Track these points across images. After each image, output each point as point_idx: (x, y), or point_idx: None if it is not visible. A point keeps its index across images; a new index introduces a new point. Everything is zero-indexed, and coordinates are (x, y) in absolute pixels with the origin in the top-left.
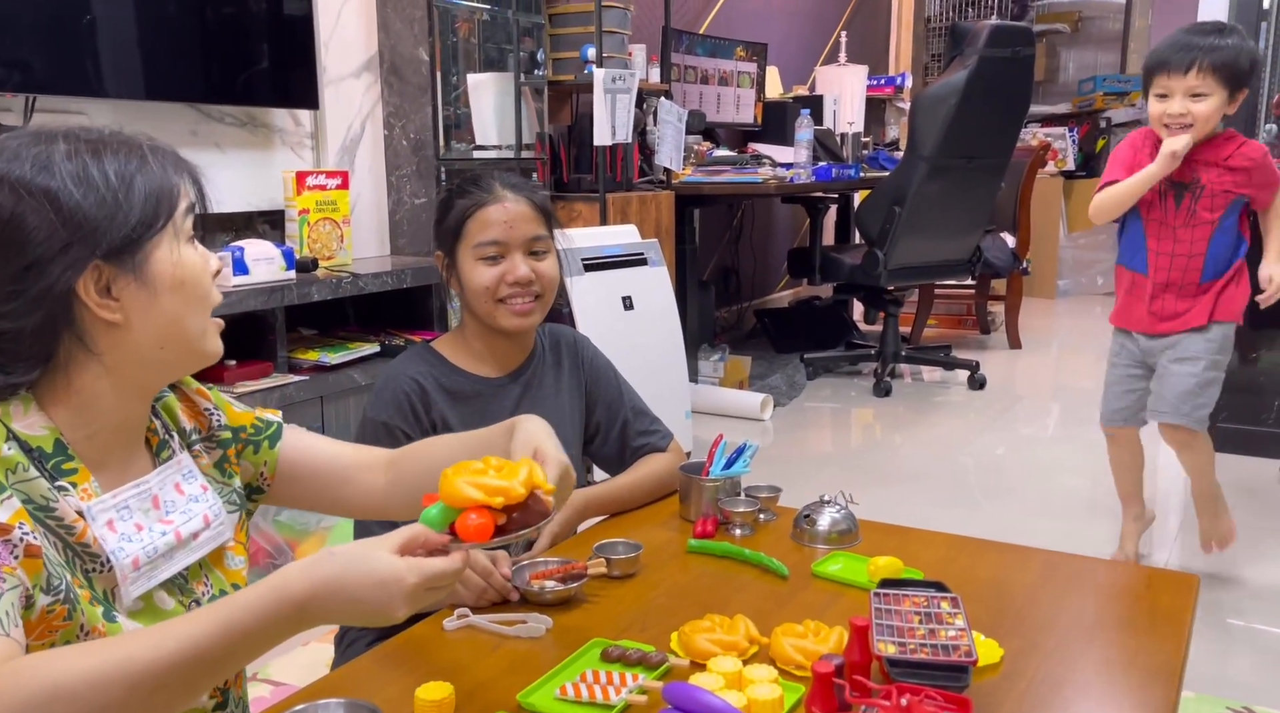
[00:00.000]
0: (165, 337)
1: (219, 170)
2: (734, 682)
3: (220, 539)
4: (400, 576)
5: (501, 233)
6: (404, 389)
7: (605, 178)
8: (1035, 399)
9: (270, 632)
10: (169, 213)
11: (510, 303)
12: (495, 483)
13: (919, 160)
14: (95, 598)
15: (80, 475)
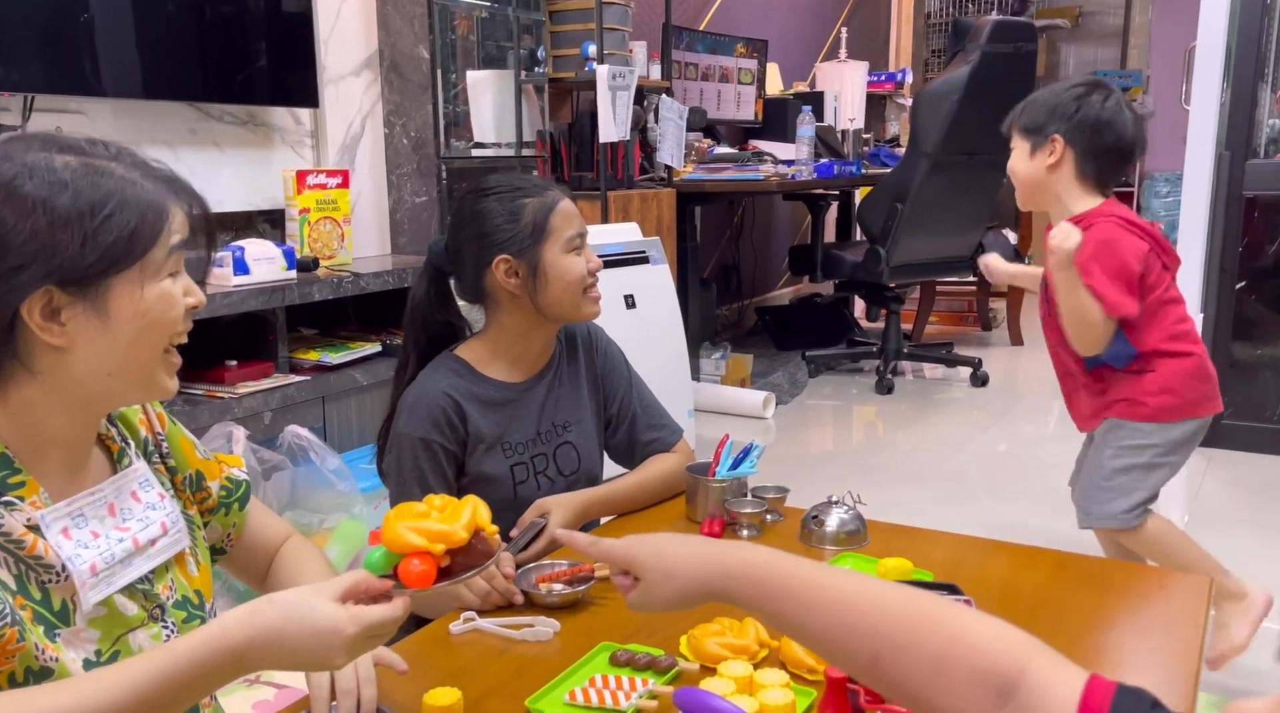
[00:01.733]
0: (112, 368)
1: (219, 169)
2: (745, 686)
3: (179, 545)
4: (339, 626)
5: (580, 224)
6: (439, 405)
7: (606, 175)
8: (1037, 396)
9: (209, 679)
10: (141, 252)
11: (591, 291)
12: (437, 528)
13: (921, 157)
14: (38, 617)
15: (29, 488)
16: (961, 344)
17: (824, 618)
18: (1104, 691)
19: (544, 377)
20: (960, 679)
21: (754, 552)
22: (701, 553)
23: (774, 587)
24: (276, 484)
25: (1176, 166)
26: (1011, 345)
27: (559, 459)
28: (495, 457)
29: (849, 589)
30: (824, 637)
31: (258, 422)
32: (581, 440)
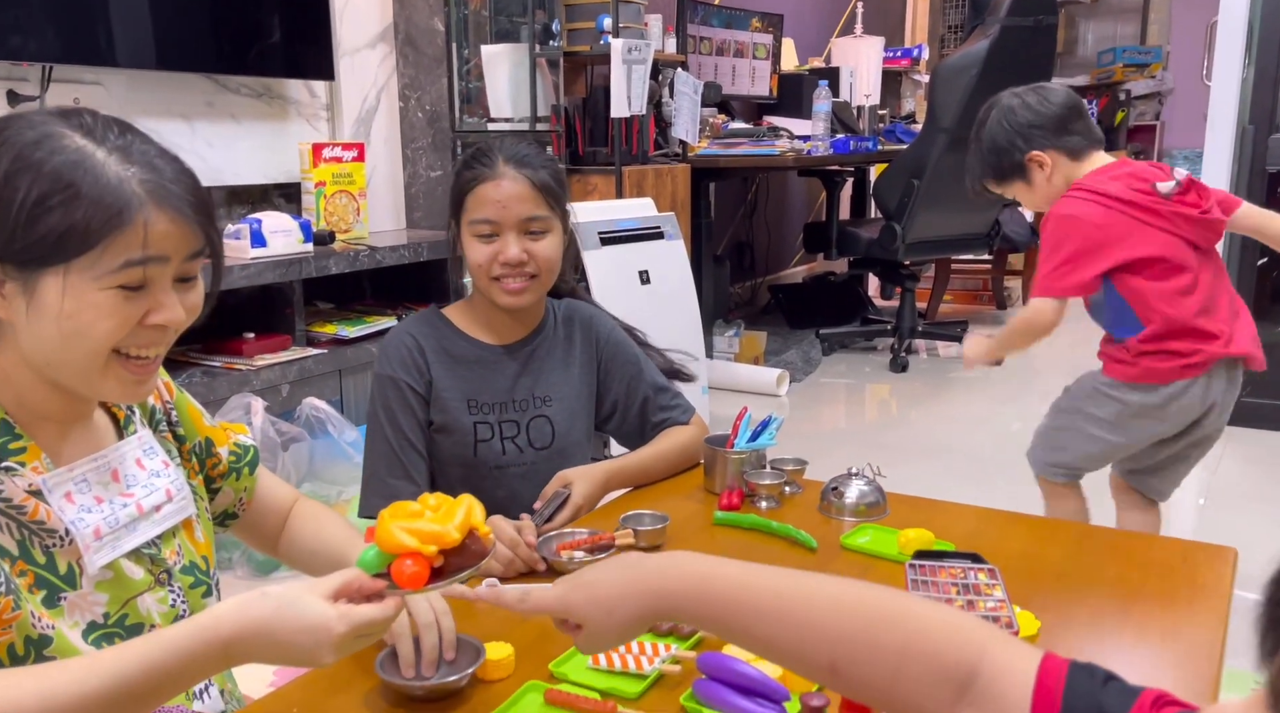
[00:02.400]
0: (48, 359)
1: (235, 142)
2: None
3: (185, 513)
4: (328, 624)
5: (494, 212)
6: (405, 345)
7: (621, 150)
8: (1052, 375)
9: (195, 670)
10: (74, 254)
11: (503, 282)
12: (429, 528)
13: (938, 132)
14: (42, 581)
15: (29, 454)
16: (976, 323)
17: (774, 625)
18: (1057, 670)
19: (525, 346)
20: (919, 676)
21: (689, 563)
22: (633, 578)
23: (715, 598)
24: (294, 456)
25: (1196, 143)
26: None
27: (531, 430)
28: (460, 410)
29: (798, 592)
30: (776, 644)
31: (275, 394)
32: (560, 417)
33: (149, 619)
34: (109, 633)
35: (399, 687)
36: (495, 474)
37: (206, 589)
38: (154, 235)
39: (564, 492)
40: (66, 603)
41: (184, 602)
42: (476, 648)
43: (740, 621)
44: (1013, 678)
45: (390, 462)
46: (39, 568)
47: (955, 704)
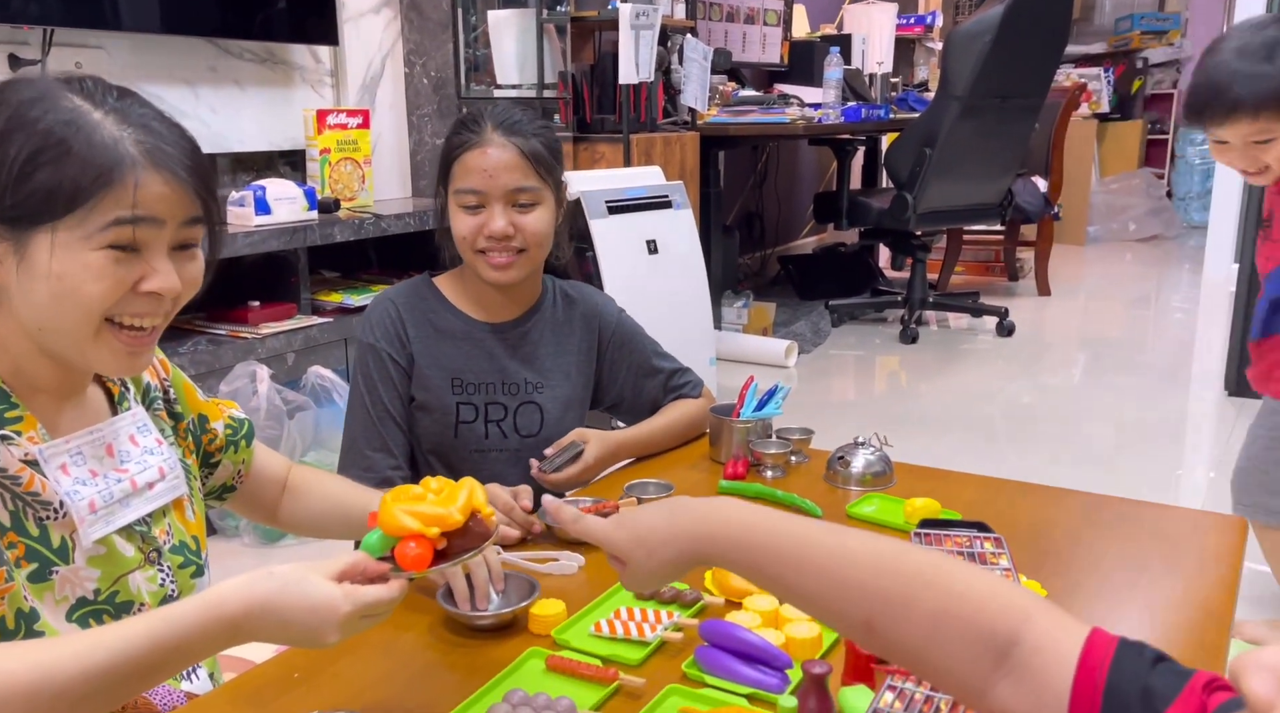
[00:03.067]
0: (40, 324)
1: (240, 108)
2: (771, 620)
3: (177, 492)
4: (334, 604)
5: (480, 182)
6: (387, 313)
7: (629, 118)
8: (1063, 347)
9: (200, 647)
10: (62, 211)
11: (489, 256)
12: (432, 511)
13: (951, 100)
14: (34, 554)
15: (26, 424)
16: (988, 294)
17: (814, 578)
18: (1105, 646)
19: (518, 327)
20: (957, 640)
21: (733, 510)
22: (676, 521)
23: (757, 547)
24: (300, 424)
25: None
26: (1039, 296)
27: (518, 416)
28: (442, 388)
29: (839, 547)
30: (814, 597)
31: (281, 362)
32: (551, 405)
33: (139, 598)
34: (98, 610)
35: (461, 618)
36: (475, 457)
37: (196, 569)
38: (146, 197)
39: (578, 445)
40: (58, 577)
41: (173, 582)
42: (531, 584)
43: (779, 571)
44: (1055, 651)
45: (368, 433)
46: (31, 540)
47: (992, 673)
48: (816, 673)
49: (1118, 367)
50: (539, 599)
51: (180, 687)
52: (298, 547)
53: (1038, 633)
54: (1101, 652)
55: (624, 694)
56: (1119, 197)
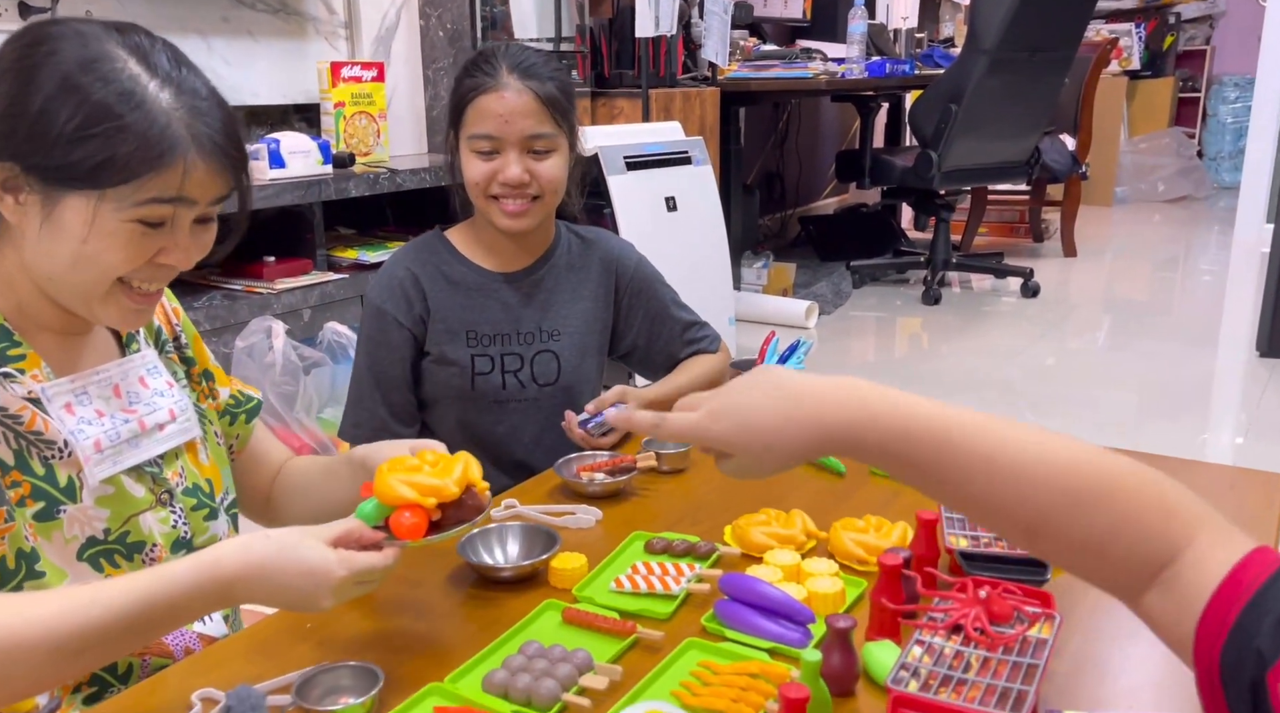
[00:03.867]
0: (51, 274)
1: (253, 60)
2: (792, 575)
3: (188, 434)
4: (330, 568)
5: (496, 127)
6: (399, 277)
7: (648, 73)
8: (1089, 309)
9: (195, 606)
10: (107, 184)
11: (502, 202)
12: (428, 481)
13: (979, 54)
14: (40, 493)
15: (29, 361)
16: (1012, 255)
17: (975, 475)
18: (1263, 564)
19: (531, 274)
20: (1122, 558)
21: (871, 395)
22: (792, 408)
23: (900, 434)
24: (316, 380)
25: (1248, 69)
26: (1065, 257)
27: (536, 365)
28: (457, 341)
29: (1005, 442)
30: (972, 496)
31: (296, 318)
32: (568, 353)
33: (150, 538)
34: (109, 550)
35: (480, 569)
36: (494, 408)
37: (210, 512)
38: (190, 180)
39: (622, 408)
40: (66, 516)
41: (186, 523)
42: (551, 536)
43: (930, 463)
44: (1207, 566)
45: (362, 392)
46: (37, 479)
47: (1151, 579)
48: (841, 627)
49: (1144, 329)
50: (559, 552)
51: (194, 628)
52: None
53: (1197, 550)
54: (1256, 569)
55: (642, 648)
56: (1148, 156)
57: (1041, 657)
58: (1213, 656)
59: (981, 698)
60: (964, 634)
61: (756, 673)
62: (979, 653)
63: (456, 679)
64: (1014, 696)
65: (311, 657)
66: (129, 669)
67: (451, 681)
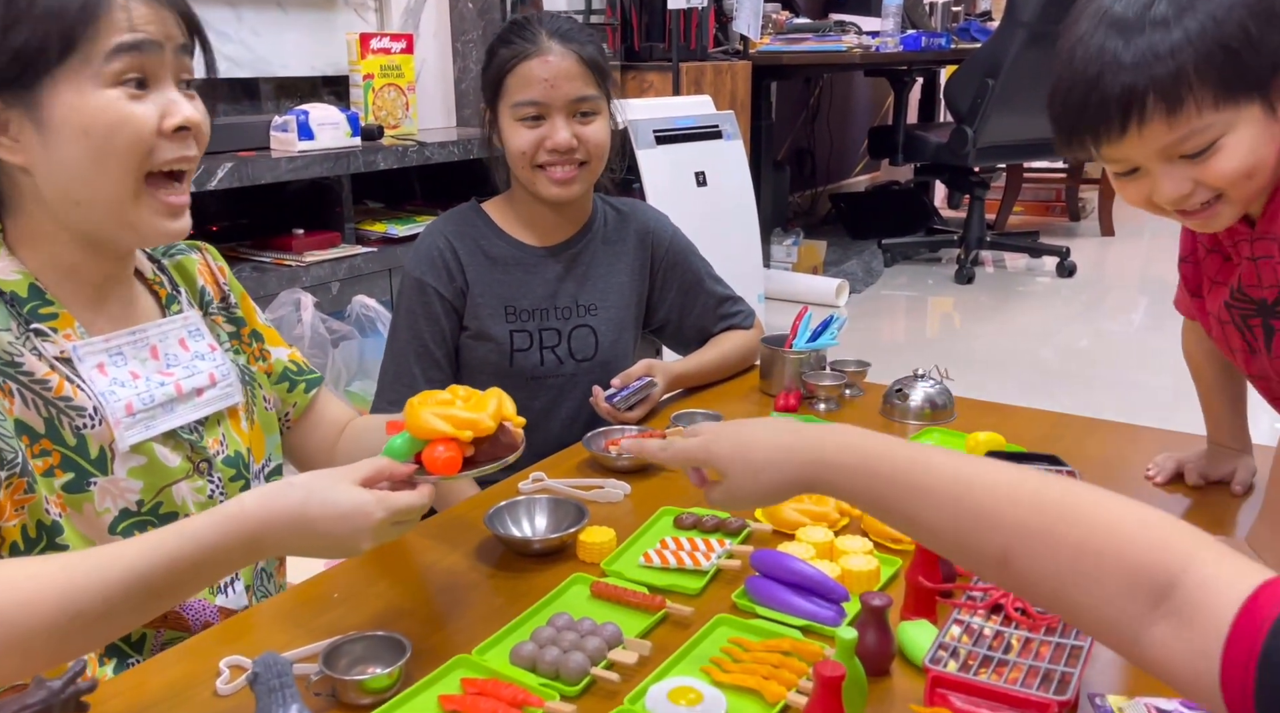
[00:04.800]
0: (75, 193)
1: (282, 32)
2: (825, 552)
3: (229, 400)
4: (367, 509)
5: (542, 93)
6: (438, 247)
7: (679, 46)
8: (1126, 289)
9: (221, 563)
10: (63, 50)
11: (550, 170)
12: (464, 415)
13: (1018, 26)
14: (70, 463)
15: (62, 321)
16: (1047, 234)
17: (944, 511)
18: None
19: (569, 248)
20: (1107, 580)
21: (853, 436)
22: (789, 443)
23: (879, 475)
24: (344, 353)
25: None
26: (1102, 236)
27: (573, 340)
28: (496, 317)
29: (971, 476)
30: (942, 530)
31: (325, 292)
32: (605, 328)
33: (184, 509)
34: (142, 521)
35: (509, 542)
36: (531, 385)
37: (245, 484)
38: (136, 19)
39: (648, 380)
40: (96, 488)
41: (222, 493)
42: (580, 510)
43: (905, 503)
44: (1218, 594)
45: (401, 367)
46: (67, 449)
47: (1147, 615)
48: (876, 605)
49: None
50: (588, 526)
51: (215, 601)
52: None
53: (1201, 575)
54: (1272, 601)
55: (671, 623)
56: None
57: (1085, 639)
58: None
59: (1023, 680)
60: (1004, 615)
61: (789, 651)
62: (1020, 634)
63: (484, 651)
64: (1058, 678)
65: (339, 627)
66: (141, 639)
67: (479, 653)
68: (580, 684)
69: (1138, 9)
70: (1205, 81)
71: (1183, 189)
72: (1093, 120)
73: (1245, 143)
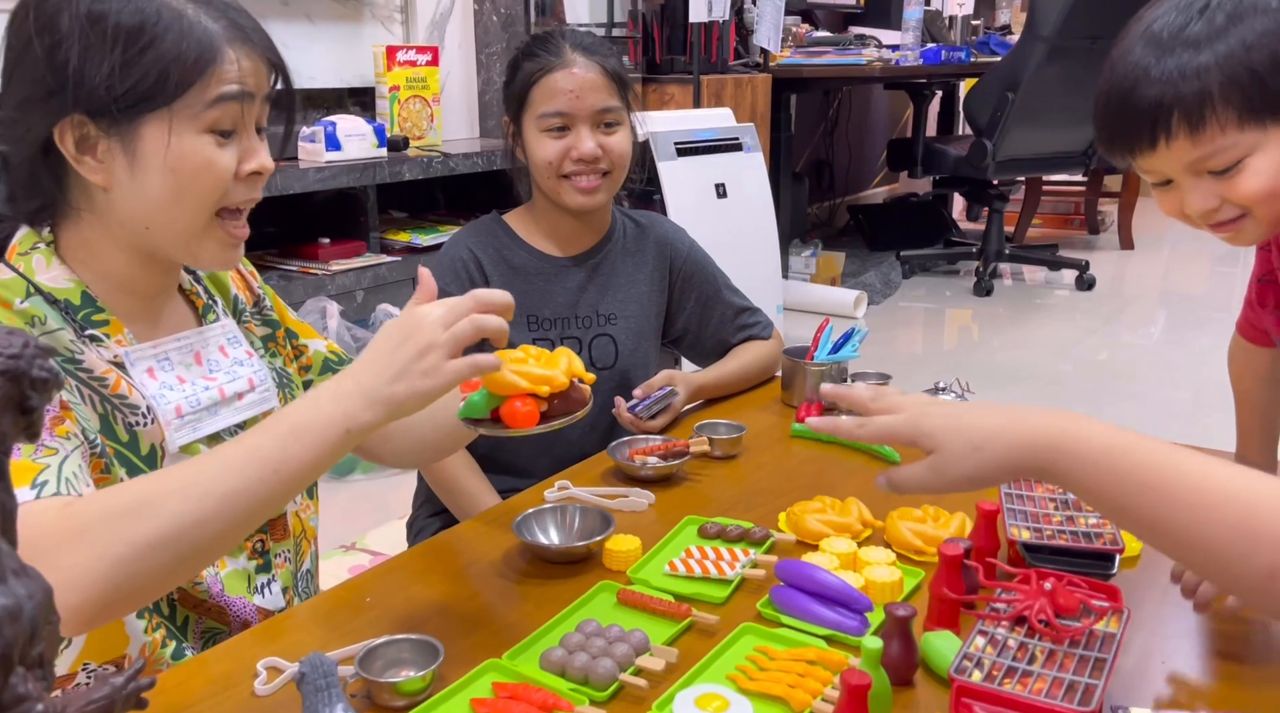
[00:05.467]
0: (149, 221)
1: (311, 44)
2: (849, 563)
3: (266, 404)
4: (416, 310)
5: (567, 103)
6: (461, 258)
7: (700, 58)
8: (1146, 302)
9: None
10: (174, 93)
11: (575, 180)
12: (540, 371)
13: (1037, 41)
14: (122, 459)
15: (113, 327)
16: (1066, 247)
17: (1199, 519)
18: None
19: (591, 258)
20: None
21: (1083, 423)
22: (1014, 418)
23: (1122, 472)
24: None
25: None
26: (1121, 250)
27: (594, 348)
28: (519, 325)
29: (1229, 483)
30: (1195, 540)
31: (350, 299)
32: (625, 337)
33: None
34: None
35: (536, 549)
36: None
37: None
38: (239, 72)
39: (669, 390)
40: None
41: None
42: (606, 518)
43: (1152, 507)
44: None
45: None
46: (120, 445)
47: None
48: (901, 615)
49: (1202, 325)
50: (613, 534)
51: (254, 600)
52: (365, 482)
53: None
54: None
55: (697, 631)
56: None
57: (1110, 651)
58: None
59: (1048, 691)
60: (1028, 626)
61: (814, 660)
62: (1044, 645)
63: (515, 656)
64: (1082, 689)
65: (372, 630)
66: (185, 623)
67: (510, 657)
68: (609, 690)
69: (1175, 29)
70: (1229, 103)
71: (1209, 204)
72: (1125, 132)
73: (1271, 165)
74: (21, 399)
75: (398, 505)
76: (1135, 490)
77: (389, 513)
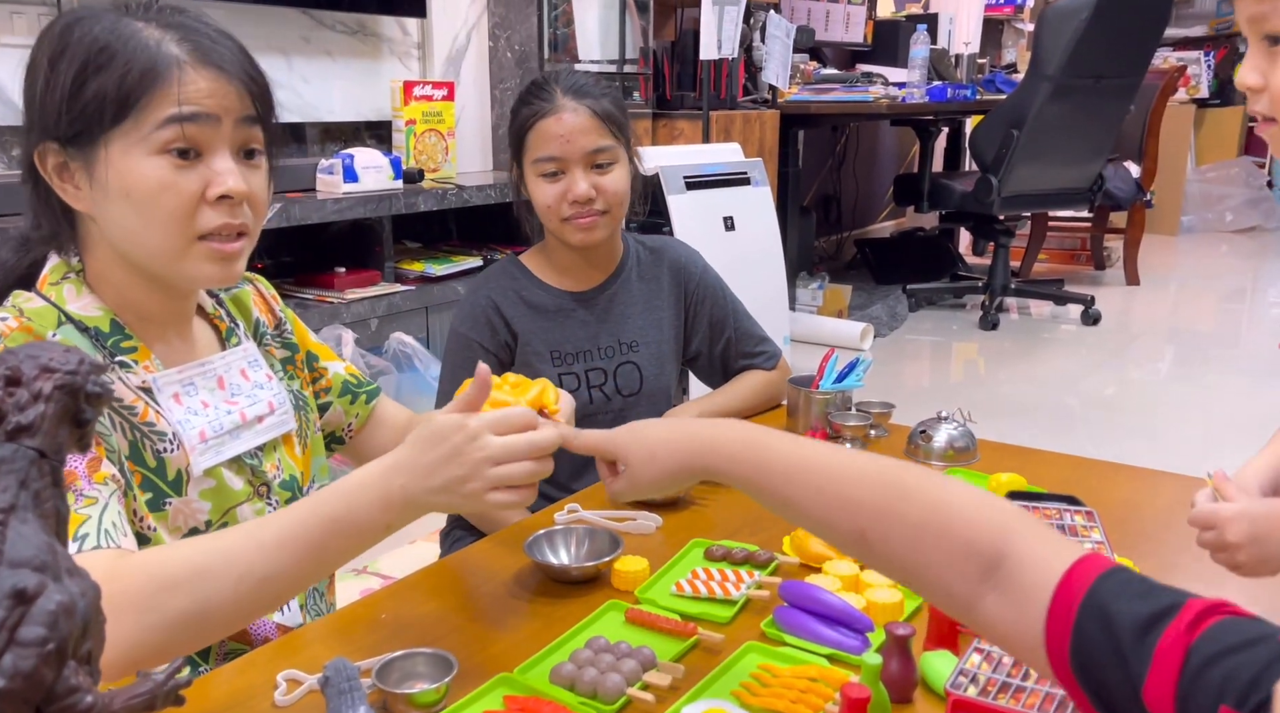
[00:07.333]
0: (128, 244)
1: (330, 80)
2: (851, 584)
3: (285, 426)
4: (459, 419)
5: (559, 148)
6: (482, 305)
7: (709, 94)
8: (1152, 338)
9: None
10: (117, 116)
11: (574, 221)
12: (501, 398)
13: (1042, 80)
14: (149, 484)
15: (141, 353)
16: (1072, 282)
17: (808, 493)
18: (1094, 567)
19: (605, 290)
20: (944, 550)
21: (736, 428)
22: (683, 430)
23: (757, 463)
24: (383, 387)
25: None
26: (1127, 285)
27: (619, 377)
28: (542, 363)
29: (831, 463)
30: (810, 512)
31: (364, 328)
32: (648, 362)
33: None
34: None
35: (546, 569)
36: (582, 423)
37: None
38: (193, 92)
39: None
40: (171, 508)
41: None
42: (615, 539)
43: (778, 486)
44: (1041, 567)
45: None
46: (148, 471)
47: (979, 585)
48: (900, 634)
49: (1209, 361)
50: (622, 555)
51: (273, 618)
52: None
53: (1024, 548)
54: (1088, 570)
55: (702, 649)
56: (1216, 185)
57: None
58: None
59: (1040, 705)
60: None
61: (816, 677)
62: None
63: (526, 670)
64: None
65: (387, 644)
66: (207, 649)
67: (521, 672)
68: (617, 704)
69: None
70: None
71: (1249, 79)
72: None
73: None
74: (77, 412)
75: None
76: (768, 476)
77: (400, 537)
